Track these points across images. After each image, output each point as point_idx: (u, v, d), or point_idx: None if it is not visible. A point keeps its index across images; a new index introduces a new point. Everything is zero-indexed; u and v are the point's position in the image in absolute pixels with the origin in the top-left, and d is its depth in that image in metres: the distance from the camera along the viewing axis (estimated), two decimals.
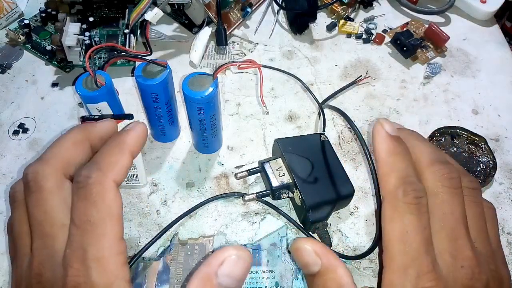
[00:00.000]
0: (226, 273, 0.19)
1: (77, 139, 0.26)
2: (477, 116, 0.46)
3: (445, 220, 0.23)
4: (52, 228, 0.22)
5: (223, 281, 0.19)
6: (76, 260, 0.21)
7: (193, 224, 0.38)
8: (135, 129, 0.26)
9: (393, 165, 0.24)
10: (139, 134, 0.25)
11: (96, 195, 0.22)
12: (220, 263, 0.20)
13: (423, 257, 0.22)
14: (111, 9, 0.51)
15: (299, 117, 0.45)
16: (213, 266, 0.19)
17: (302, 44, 0.52)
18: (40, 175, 0.24)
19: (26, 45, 0.49)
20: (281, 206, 0.39)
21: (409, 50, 0.49)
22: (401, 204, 0.23)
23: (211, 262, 0.20)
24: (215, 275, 0.19)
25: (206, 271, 0.19)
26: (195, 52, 0.49)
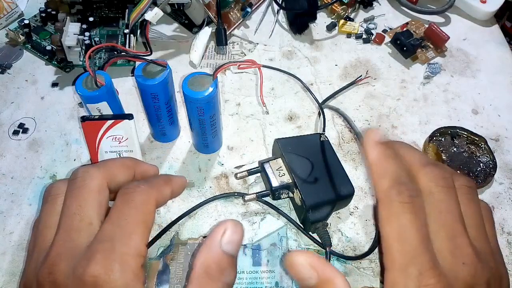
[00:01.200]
0: (228, 240, 0.22)
1: (126, 164, 0.29)
2: (477, 116, 0.46)
3: (442, 219, 0.23)
4: (80, 223, 0.24)
5: (227, 248, 0.22)
6: (102, 251, 0.22)
7: (193, 224, 0.38)
8: (180, 177, 0.30)
9: (385, 168, 0.24)
10: (182, 181, 0.30)
11: (138, 202, 0.24)
12: (222, 233, 0.22)
13: (423, 255, 0.22)
14: (111, 9, 0.51)
15: (299, 117, 0.45)
16: (217, 236, 0.22)
17: (302, 44, 0.52)
18: (89, 174, 0.26)
19: (26, 45, 0.49)
20: (281, 206, 0.39)
21: (409, 50, 0.49)
22: (396, 204, 0.23)
23: (215, 233, 0.23)
24: (220, 244, 0.22)
25: (212, 241, 0.22)
26: (195, 52, 0.49)
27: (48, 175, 0.40)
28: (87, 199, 0.25)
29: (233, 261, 0.23)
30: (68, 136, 0.43)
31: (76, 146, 0.42)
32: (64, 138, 0.43)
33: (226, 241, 0.22)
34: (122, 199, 0.25)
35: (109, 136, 0.35)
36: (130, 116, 0.35)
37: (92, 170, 0.26)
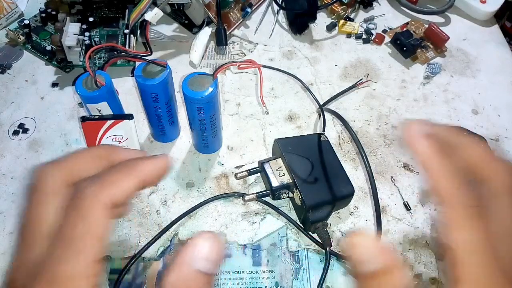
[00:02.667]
0: (202, 257, 0.20)
1: (97, 154, 0.24)
2: (477, 116, 0.46)
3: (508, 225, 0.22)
4: (35, 233, 0.21)
5: (201, 265, 0.20)
6: (46, 274, 0.20)
7: (193, 224, 0.38)
8: (155, 159, 0.24)
9: (446, 167, 0.22)
10: (156, 165, 0.24)
11: (85, 209, 0.21)
12: (195, 249, 0.20)
13: (497, 267, 0.20)
14: (111, 9, 0.51)
15: (299, 117, 0.45)
16: (189, 253, 0.20)
17: (302, 44, 0.52)
18: (45, 174, 0.23)
19: (26, 45, 0.49)
20: (281, 206, 0.39)
21: (409, 50, 0.49)
22: (468, 209, 0.21)
23: (187, 250, 0.20)
24: (192, 261, 0.20)
25: (183, 259, 0.20)
26: (195, 52, 0.49)
27: None
28: (42, 205, 0.22)
29: (208, 281, 0.20)
30: (68, 136, 0.43)
31: (76, 146, 0.42)
32: (64, 138, 0.43)
33: (201, 257, 0.20)
34: (69, 206, 0.21)
35: (109, 136, 0.35)
36: (130, 116, 0.35)
37: (49, 168, 0.23)
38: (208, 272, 0.20)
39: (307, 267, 0.36)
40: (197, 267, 0.19)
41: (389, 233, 0.37)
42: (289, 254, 0.36)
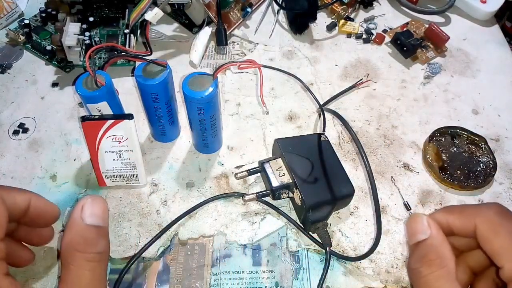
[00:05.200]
0: (89, 213, 0.23)
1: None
2: (477, 116, 0.46)
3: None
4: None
5: (89, 220, 0.23)
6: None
7: (193, 224, 0.38)
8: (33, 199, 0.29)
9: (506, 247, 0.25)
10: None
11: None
12: (81, 209, 0.24)
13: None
14: (111, 9, 0.51)
15: (299, 117, 0.45)
16: (76, 213, 0.23)
17: (302, 44, 0.52)
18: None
19: (26, 45, 0.49)
20: (281, 206, 0.39)
21: (409, 50, 0.49)
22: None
23: (73, 212, 0.24)
24: (81, 219, 0.23)
25: (72, 220, 0.23)
26: (195, 52, 0.49)
27: (48, 175, 0.40)
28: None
29: (100, 232, 0.24)
30: (68, 136, 0.43)
31: (76, 146, 0.42)
32: (64, 138, 0.43)
33: (87, 214, 0.23)
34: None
35: (109, 136, 0.35)
36: (130, 116, 0.35)
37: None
38: (96, 223, 0.24)
39: (307, 267, 0.36)
40: (86, 222, 0.23)
41: (389, 233, 0.37)
42: (289, 254, 0.36)
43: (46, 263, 0.35)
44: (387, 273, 0.35)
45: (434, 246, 0.25)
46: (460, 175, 0.40)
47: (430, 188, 0.40)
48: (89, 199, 0.24)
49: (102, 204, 0.24)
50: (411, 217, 0.27)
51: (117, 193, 0.39)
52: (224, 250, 0.37)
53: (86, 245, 0.23)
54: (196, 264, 0.36)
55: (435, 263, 0.25)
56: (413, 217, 0.27)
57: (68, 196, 0.39)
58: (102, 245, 0.24)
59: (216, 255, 0.36)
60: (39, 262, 0.35)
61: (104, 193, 0.39)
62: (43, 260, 0.35)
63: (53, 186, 0.40)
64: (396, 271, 0.35)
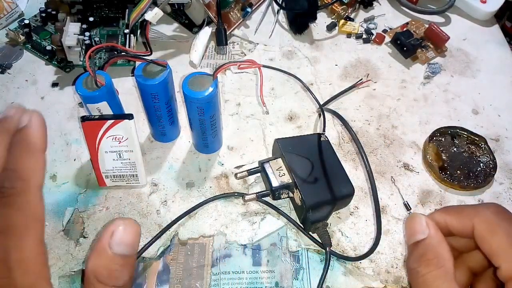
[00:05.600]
0: (117, 242, 0.22)
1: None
2: (477, 116, 0.46)
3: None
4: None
5: (117, 249, 0.22)
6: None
7: (193, 224, 0.38)
8: (33, 124, 0.24)
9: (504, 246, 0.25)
10: (38, 128, 0.24)
11: (21, 203, 0.22)
12: (111, 235, 0.22)
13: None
14: (111, 9, 0.51)
15: (299, 117, 0.45)
16: (105, 239, 0.22)
17: (302, 44, 0.52)
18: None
19: (26, 45, 0.49)
20: (281, 206, 0.39)
21: (409, 50, 0.49)
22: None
23: (103, 237, 0.22)
24: (108, 246, 0.21)
25: (100, 245, 0.21)
26: (195, 52, 0.49)
27: (48, 175, 0.40)
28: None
29: (127, 262, 0.22)
30: (68, 136, 0.43)
31: (76, 146, 0.42)
32: (64, 138, 0.43)
33: (116, 242, 0.22)
34: (2, 204, 0.22)
35: (109, 136, 0.35)
36: (130, 116, 0.35)
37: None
38: (124, 253, 0.22)
39: (307, 267, 0.36)
40: (114, 251, 0.21)
41: (389, 233, 0.37)
42: (289, 254, 0.36)
43: None
44: (387, 273, 0.35)
45: (432, 246, 0.25)
46: (460, 175, 0.40)
47: (430, 188, 0.40)
48: (121, 225, 0.22)
49: (134, 230, 0.22)
50: (410, 217, 0.27)
51: (117, 193, 0.39)
52: (224, 250, 0.37)
53: (109, 278, 0.22)
54: (196, 264, 0.36)
55: (432, 263, 0.25)
56: (412, 217, 0.27)
57: (68, 196, 0.39)
58: (125, 278, 0.22)
59: (216, 255, 0.36)
60: None
61: (104, 193, 0.39)
62: None
63: (53, 186, 0.40)
64: (396, 271, 0.35)
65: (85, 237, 0.37)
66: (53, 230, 0.37)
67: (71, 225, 0.37)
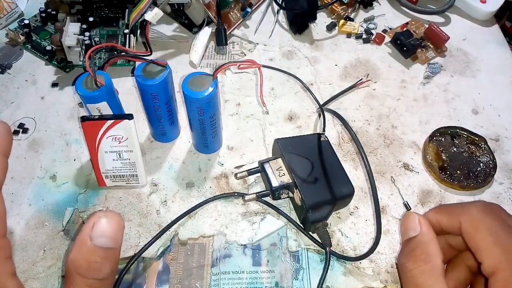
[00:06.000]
0: (98, 234, 0.21)
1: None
2: (477, 116, 0.46)
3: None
4: None
5: (98, 241, 0.21)
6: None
7: (193, 224, 0.38)
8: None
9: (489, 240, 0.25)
10: (2, 135, 0.24)
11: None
12: (91, 227, 0.21)
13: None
14: (111, 9, 0.51)
15: (299, 117, 0.45)
16: (85, 231, 0.21)
17: (302, 44, 0.52)
18: None
19: (26, 45, 0.49)
20: (281, 206, 0.39)
21: (409, 50, 0.49)
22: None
23: (84, 229, 0.22)
24: (89, 238, 0.21)
25: (80, 237, 0.21)
26: (195, 52, 0.49)
27: (48, 175, 0.40)
28: None
29: (108, 254, 0.22)
30: (68, 136, 0.43)
31: (76, 146, 0.42)
32: (64, 138, 0.43)
33: (97, 234, 0.21)
34: None
35: (109, 136, 0.35)
36: (130, 116, 0.35)
37: None
38: (105, 245, 0.21)
39: (307, 267, 0.36)
40: (94, 243, 0.21)
41: (389, 233, 0.37)
42: (289, 254, 0.36)
43: (46, 263, 0.35)
44: (387, 273, 0.35)
45: (422, 243, 0.26)
46: (460, 175, 0.40)
47: (430, 188, 0.40)
48: (102, 217, 0.22)
49: (116, 223, 0.22)
50: (405, 216, 0.28)
51: (117, 193, 0.39)
52: (224, 250, 0.37)
53: (88, 270, 0.21)
54: (196, 264, 0.36)
55: (420, 259, 0.26)
56: (406, 216, 0.28)
57: (68, 196, 0.39)
58: (106, 271, 0.22)
59: (216, 255, 0.36)
60: (39, 262, 0.35)
61: (104, 193, 0.39)
62: (43, 260, 0.35)
63: (53, 186, 0.40)
64: (396, 271, 0.35)
65: None
66: (53, 230, 0.37)
67: (71, 225, 0.37)
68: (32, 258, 0.35)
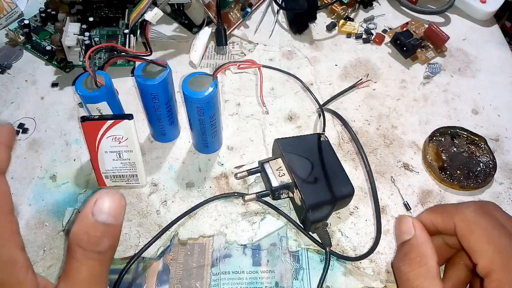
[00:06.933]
0: (100, 210, 0.22)
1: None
2: (477, 116, 0.46)
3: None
4: None
5: (99, 217, 0.22)
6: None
7: (193, 224, 0.38)
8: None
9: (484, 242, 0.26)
10: (4, 129, 0.26)
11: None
12: (93, 203, 0.22)
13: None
14: (111, 9, 0.51)
15: (299, 117, 0.45)
16: (88, 207, 0.22)
17: (302, 44, 0.52)
18: None
19: (26, 45, 0.49)
20: (281, 206, 0.39)
21: (409, 50, 0.49)
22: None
23: (86, 205, 0.22)
24: (91, 214, 0.22)
25: (83, 212, 0.22)
26: (195, 52, 0.49)
27: (48, 175, 0.40)
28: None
29: (108, 230, 0.23)
30: (68, 136, 0.43)
31: (76, 146, 0.42)
32: (64, 138, 0.43)
33: (98, 210, 0.22)
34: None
35: (109, 136, 0.35)
36: (130, 116, 0.35)
37: None
38: (106, 221, 0.22)
39: (307, 267, 0.36)
40: (95, 218, 0.22)
41: (389, 233, 0.37)
42: (289, 254, 0.36)
43: (46, 263, 0.35)
44: (387, 273, 0.35)
45: (416, 246, 0.27)
46: (460, 175, 0.40)
47: (430, 188, 0.40)
48: (104, 195, 0.23)
49: (117, 201, 0.23)
50: (399, 219, 0.29)
51: None
52: (224, 250, 0.37)
53: (88, 243, 0.22)
54: (196, 264, 0.36)
55: (415, 261, 0.26)
56: (400, 219, 0.28)
57: (68, 196, 0.39)
58: (105, 245, 0.23)
59: (216, 255, 0.36)
60: (39, 262, 0.35)
61: None
62: (43, 260, 0.35)
63: (53, 186, 0.40)
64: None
65: None
66: (53, 230, 0.37)
67: (71, 225, 0.37)
68: (32, 258, 0.35)
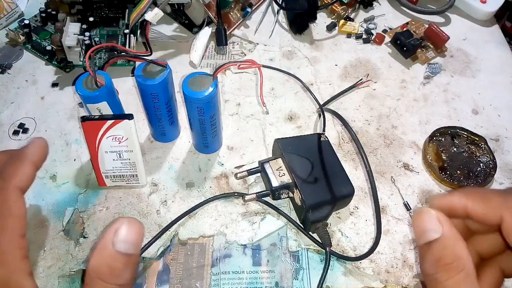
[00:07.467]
0: (121, 239, 0.22)
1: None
2: (477, 116, 0.46)
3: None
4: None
5: (120, 247, 0.21)
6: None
7: (193, 224, 0.38)
8: (33, 143, 0.27)
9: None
10: (37, 146, 0.27)
11: (2, 197, 0.23)
12: (114, 232, 0.22)
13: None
14: (111, 9, 0.51)
15: (299, 117, 0.45)
16: (108, 236, 0.22)
17: (302, 44, 0.52)
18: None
19: (26, 45, 0.49)
20: (281, 206, 0.39)
21: (409, 50, 0.49)
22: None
23: (106, 235, 0.22)
24: (111, 244, 0.21)
25: (103, 243, 0.21)
26: (195, 52, 0.49)
27: (48, 175, 0.40)
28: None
29: (129, 260, 0.22)
30: (68, 136, 0.43)
31: (76, 146, 0.42)
32: (64, 138, 0.43)
33: (119, 240, 0.22)
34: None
35: (109, 136, 0.35)
36: (130, 116, 0.35)
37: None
38: (127, 252, 0.22)
39: (307, 267, 0.36)
40: (116, 248, 0.21)
41: (389, 233, 0.37)
42: (289, 254, 0.36)
43: (46, 263, 0.35)
44: (387, 273, 0.35)
45: (449, 247, 0.22)
46: (460, 175, 0.40)
47: (430, 188, 0.40)
48: (125, 223, 0.22)
49: (138, 230, 0.22)
50: (418, 213, 0.23)
51: (117, 193, 0.39)
52: (224, 250, 0.37)
53: (110, 276, 0.22)
54: (196, 264, 0.36)
55: (452, 267, 0.22)
56: (420, 213, 0.23)
57: (68, 196, 0.39)
58: (127, 276, 0.22)
59: (216, 255, 0.36)
60: (39, 262, 0.35)
61: (104, 193, 0.39)
62: (43, 260, 0.35)
63: (53, 186, 0.40)
64: (396, 271, 0.35)
65: (85, 237, 0.37)
66: (53, 230, 0.37)
67: (71, 225, 0.37)
68: (32, 258, 0.35)
